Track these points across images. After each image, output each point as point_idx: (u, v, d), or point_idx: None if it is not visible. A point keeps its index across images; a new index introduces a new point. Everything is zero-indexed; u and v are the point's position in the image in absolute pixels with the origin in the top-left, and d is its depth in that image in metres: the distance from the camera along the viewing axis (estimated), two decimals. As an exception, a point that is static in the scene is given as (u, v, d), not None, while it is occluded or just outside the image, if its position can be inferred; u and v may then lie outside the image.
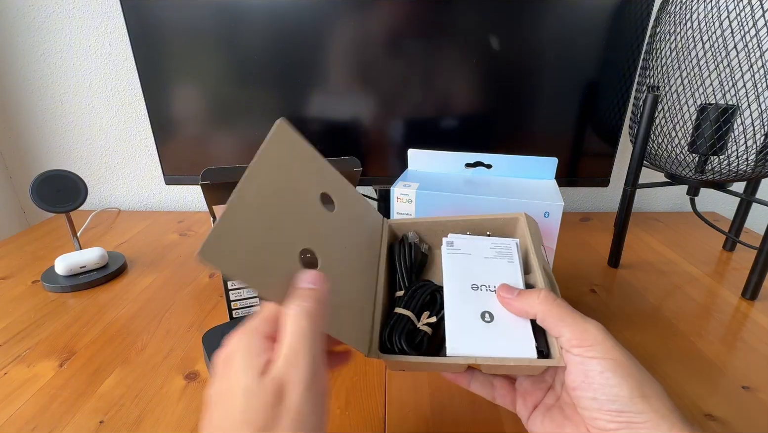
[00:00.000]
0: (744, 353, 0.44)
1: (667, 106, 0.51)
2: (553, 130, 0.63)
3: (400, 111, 0.62)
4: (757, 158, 0.48)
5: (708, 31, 0.46)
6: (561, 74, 0.59)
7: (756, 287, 0.52)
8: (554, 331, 0.26)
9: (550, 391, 0.29)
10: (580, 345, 0.24)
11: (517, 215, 0.35)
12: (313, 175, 0.29)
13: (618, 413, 0.22)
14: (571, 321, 0.25)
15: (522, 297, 0.27)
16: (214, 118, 0.64)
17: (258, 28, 0.58)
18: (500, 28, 0.57)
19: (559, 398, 0.28)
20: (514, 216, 0.35)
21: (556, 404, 0.28)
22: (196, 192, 0.89)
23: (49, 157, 0.86)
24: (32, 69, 0.79)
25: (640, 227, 0.76)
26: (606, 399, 0.23)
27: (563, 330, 0.25)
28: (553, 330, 0.26)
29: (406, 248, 0.35)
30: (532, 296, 0.27)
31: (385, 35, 0.58)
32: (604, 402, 0.23)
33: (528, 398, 0.29)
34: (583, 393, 0.24)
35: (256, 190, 0.24)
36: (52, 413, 0.37)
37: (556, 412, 0.27)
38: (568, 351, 0.25)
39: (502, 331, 0.28)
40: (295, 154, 0.27)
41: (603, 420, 0.23)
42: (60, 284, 0.55)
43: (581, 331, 0.24)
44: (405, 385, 0.39)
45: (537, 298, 0.27)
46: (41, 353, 0.44)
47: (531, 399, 0.29)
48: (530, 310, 0.27)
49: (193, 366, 0.42)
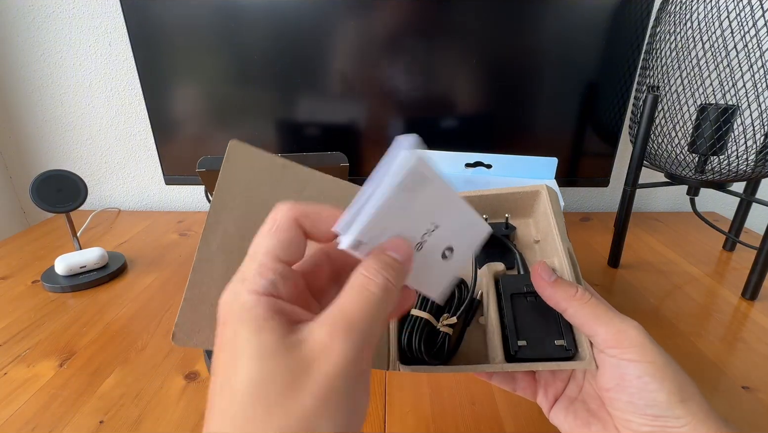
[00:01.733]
0: (744, 353, 0.44)
1: (667, 106, 0.51)
2: (553, 130, 0.63)
3: (399, 111, 0.62)
4: (757, 158, 0.48)
5: (708, 31, 0.46)
6: (561, 74, 0.59)
7: (756, 287, 0.52)
8: (586, 329, 0.24)
9: (571, 381, 0.28)
10: (617, 346, 0.23)
11: (538, 188, 0.31)
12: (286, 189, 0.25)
13: (654, 418, 0.22)
14: (607, 320, 0.23)
15: (558, 287, 0.25)
16: (213, 118, 0.64)
17: (258, 27, 0.58)
18: (500, 27, 0.57)
19: (581, 389, 0.27)
20: (534, 189, 0.31)
21: (578, 397, 0.27)
22: (196, 192, 0.89)
23: (49, 157, 0.86)
24: (32, 69, 0.79)
25: (640, 227, 0.76)
26: (643, 403, 0.22)
27: (598, 329, 0.23)
28: (586, 328, 0.24)
29: None
30: (569, 290, 0.25)
31: (385, 35, 0.58)
32: (641, 406, 0.22)
33: (548, 389, 0.28)
34: (618, 395, 0.23)
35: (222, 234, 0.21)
36: (52, 413, 0.37)
37: (579, 406, 0.26)
38: (602, 351, 0.24)
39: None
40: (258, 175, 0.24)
41: (636, 423, 0.22)
42: (60, 284, 0.55)
43: (618, 331, 0.23)
44: (405, 385, 0.39)
45: (573, 293, 0.25)
46: (41, 353, 0.44)
47: (551, 390, 0.28)
48: (562, 303, 0.25)
49: (193, 366, 0.42)
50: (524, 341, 0.26)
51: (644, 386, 0.22)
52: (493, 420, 0.36)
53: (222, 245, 0.22)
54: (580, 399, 0.27)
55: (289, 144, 0.64)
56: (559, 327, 0.26)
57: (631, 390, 0.22)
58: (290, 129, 0.63)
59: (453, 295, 0.30)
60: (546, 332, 0.26)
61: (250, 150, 0.24)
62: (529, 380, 0.29)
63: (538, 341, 0.26)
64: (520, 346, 0.26)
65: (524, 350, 0.26)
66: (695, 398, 0.22)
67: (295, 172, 0.26)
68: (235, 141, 0.24)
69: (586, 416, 0.26)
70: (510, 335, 0.27)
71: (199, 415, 0.36)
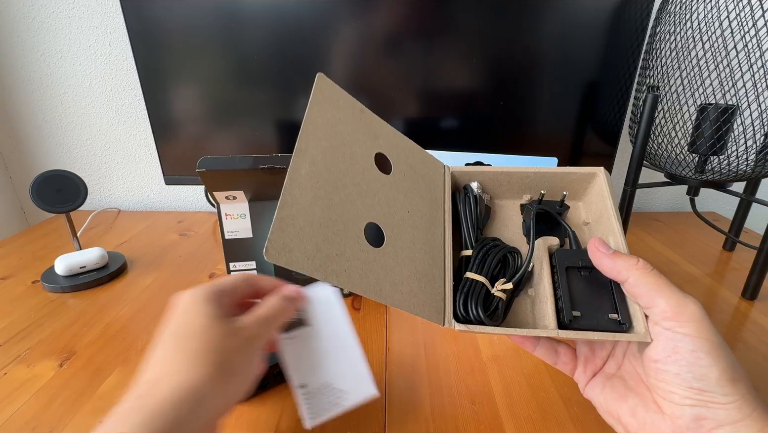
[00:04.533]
0: (744, 353, 0.44)
1: (667, 106, 0.51)
2: (553, 130, 0.63)
3: (399, 111, 0.62)
4: (757, 158, 0.48)
5: (708, 31, 0.46)
6: (561, 74, 0.59)
7: (756, 287, 0.52)
8: (646, 300, 0.24)
9: (610, 359, 0.28)
10: (675, 319, 0.23)
11: (595, 170, 0.31)
12: (364, 134, 0.26)
13: (700, 392, 0.22)
14: (668, 293, 0.24)
15: (618, 257, 0.26)
16: (213, 118, 0.64)
17: (258, 27, 0.58)
18: (500, 27, 0.57)
19: (620, 366, 0.27)
20: (592, 171, 0.31)
21: (617, 374, 0.27)
22: (196, 192, 0.89)
23: (49, 157, 0.86)
24: (32, 69, 0.79)
25: (640, 226, 0.76)
26: (692, 377, 0.22)
27: (659, 300, 0.24)
28: (646, 299, 0.24)
29: (471, 201, 0.32)
30: (630, 260, 0.25)
31: (385, 35, 0.58)
32: (690, 379, 0.22)
33: (588, 365, 0.29)
34: (667, 367, 0.23)
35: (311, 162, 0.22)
36: (52, 413, 0.37)
37: (617, 382, 0.27)
38: (657, 323, 0.24)
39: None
40: (341, 113, 0.25)
41: (680, 395, 0.22)
42: (60, 284, 0.55)
43: (678, 305, 0.23)
44: (405, 385, 0.39)
45: (635, 263, 0.25)
46: (41, 353, 0.44)
47: (590, 366, 0.29)
48: (624, 272, 0.25)
49: (193, 366, 0.42)
50: (579, 312, 0.27)
51: (697, 360, 0.22)
52: (493, 420, 0.36)
53: (310, 173, 0.22)
54: (618, 375, 0.27)
55: (289, 144, 0.64)
56: (613, 302, 0.27)
57: (682, 363, 0.22)
58: (290, 129, 0.63)
59: (507, 262, 0.30)
60: (600, 306, 0.27)
61: (335, 87, 0.26)
62: (570, 355, 0.30)
63: (593, 313, 0.27)
64: (574, 316, 0.26)
65: (579, 320, 0.26)
66: (745, 381, 0.22)
67: (371, 119, 0.28)
68: (322, 75, 0.25)
69: (623, 390, 0.26)
70: (564, 305, 0.27)
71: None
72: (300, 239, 0.21)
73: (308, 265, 0.21)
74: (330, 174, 0.23)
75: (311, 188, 0.22)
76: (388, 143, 0.28)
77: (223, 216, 0.47)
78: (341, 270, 0.22)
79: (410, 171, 0.29)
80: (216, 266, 0.61)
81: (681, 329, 0.23)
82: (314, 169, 0.22)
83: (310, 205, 0.21)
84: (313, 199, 0.22)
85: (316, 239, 0.21)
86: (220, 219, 0.47)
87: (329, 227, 0.22)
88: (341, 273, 0.22)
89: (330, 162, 0.23)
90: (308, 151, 0.22)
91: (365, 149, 0.26)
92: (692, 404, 0.22)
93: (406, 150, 0.30)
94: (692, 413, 0.22)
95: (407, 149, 0.30)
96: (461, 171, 0.34)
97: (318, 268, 0.21)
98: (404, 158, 0.29)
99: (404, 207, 0.27)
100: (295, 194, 0.21)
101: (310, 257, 0.21)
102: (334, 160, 0.23)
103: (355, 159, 0.25)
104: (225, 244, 0.48)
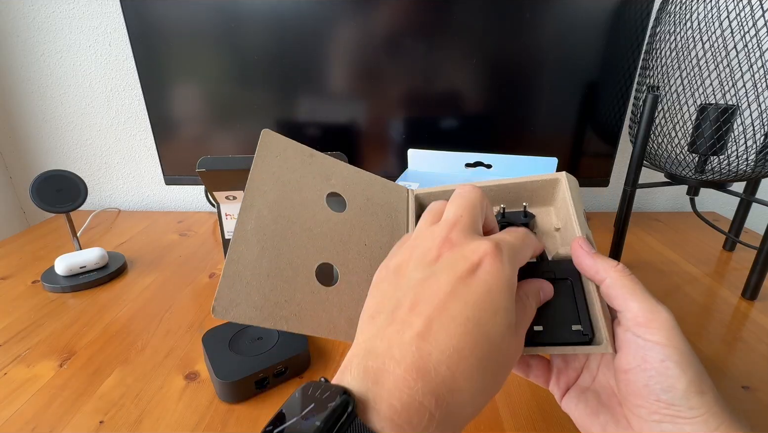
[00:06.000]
0: (744, 353, 0.44)
1: (667, 106, 0.51)
2: (553, 130, 0.63)
3: (400, 111, 0.62)
4: (757, 158, 0.48)
5: (708, 31, 0.46)
6: (561, 74, 0.59)
7: (756, 287, 0.52)
8: (620, 302, 0.24)
9: (585, 371, 0.28)
10: (646, 325, 0.22)
11: (558, 175, 0.31)
12: (315, 178, 0.27)
13: (667, 405, 0.21)
14: (642, 297, 0.23)
15: (598, 258, 0.25)
16: (213, 118, 0.64)
17: (258, 27, 0.58)
18: (500, 27, 0.57)
19: (594, 378, 0.27)
20: (554, 177, 0.31)
21: (591, 387, 0.27)
22: (196, 192, 0.89)
23: (49, 157, 0.86)
24: (32, 69, 0.79)
25: (640, 226, 0.76)
26: (659, 388, 0.21)
27: (632, 304, 0.23)
28: (620, 301, 0.24)
29: None
30: (610, 262, 0.25)
31: (385, 35, 0.58)
32: (657, 391, 0.21)
33: (561, 377, 0.28)
34: (635, 378, 0.22)
35: (256, 217, 0.23)
36: (52, 413, 0.37)
37: (591, 396, 0.26)
38: (629, 330, 0.23)
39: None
40: (288, 162, 0.26)
41: (647, 410, 0.22)
42: (60, 284, 0.55)
43: (651, 310, 0.23)
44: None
45: (614, 265, 0.25)
46: (41, 353, 0.44)
47: (564, 378, 0.28)
48: (602, 272, 0.25)
49: (193, 366, 0.42)
50: (540, 326, 0.26)
51: (665, 370, 0.21)
52: (493, 420, 0.36)
53: (256, 227, 0.23)
54: (592, 389, 0.27)
55: (289, 144, 0.64)
56: (576, 313, 0.26)
57: (651, 373, 0.22)
58: (290, 129, 0.63)
59: None
60: (563, 319, 0.26)
61: (281, 139, 0.26)
62: (543, 368, 0.29)
63: (555, 326, 0.26)
64: (536, 331, 0.26)
65: (540, 335, 0.26)
66: (712, 393, 0.21)
67: (322, 161, 0.28)
68: (267, 130, 0.25)
69: (595, 405, 0.25)
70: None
71: (199, 415, 0.36)
72: (247, 293, 0.21)
73: (257, 315, 0.21)
74: (277, 225, 0.24)
75: (257, 242, 0.23)
76: (341, 181, 0.29)
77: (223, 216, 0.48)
78: (291, 315, 0.23)
79: (367, 203, 0.30)
80: (216, 266, 0.61)
81: (651, 337, 0.22)
82: (260, 223, 0.23)
83: (257, 258, 0.22)
84: (260, 252, 0.23)
85: (263, 290, 0.22)
86: (220, 219, 0.48)
87: (277, 275, 0.23)
88: (291, 318, 0.23)
89: (277, 213, 0.24)
90: (254, 207, 0.23)
91: (316, 193, 0.27)
92: (659, 420, 0.21)
93: (363, 183, 0.30)
94: (659, 430, 0.21)
95: (364, 182, 0.31)
96: (426, 192, 0.34)
97: (267, 317, 0.22)
98: (360, 192, 0.30)
99: (361, 241, 0.28)
100: (241, 251, 0.22)
101: (258, 308, 0.22)
102: (281, 210, 0.24)
103: (304, 205, 0.26)
104: (225, 244, 0.48)
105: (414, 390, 0.17)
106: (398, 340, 0.18)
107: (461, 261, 0.21)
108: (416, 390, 0.17)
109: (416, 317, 0.19)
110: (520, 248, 0.23)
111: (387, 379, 0.17)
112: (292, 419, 0.16)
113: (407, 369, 0.17)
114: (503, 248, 0.22)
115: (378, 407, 0.17)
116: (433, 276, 0.21)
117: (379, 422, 0.16)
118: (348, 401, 0.16)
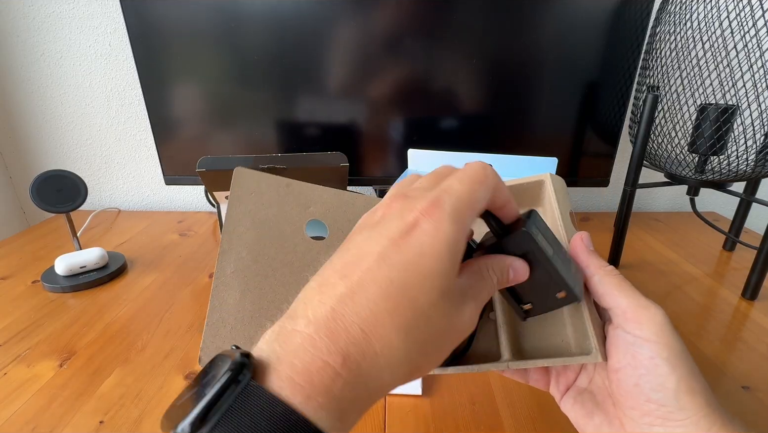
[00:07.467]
0: (744, 353, 0.44)
1: (667, 106, 0.51)
2: (553, 131, 0.63)
3: (399, 111, 0.62)
4: (757, 158, 0.48)
5: (708, 31, 0.46)
6: (561, 74, 0.59)
7: (756, 287, 0.52)
8: (609, 299, 0.24)
9: (582, 372, 0.28)
10: (635, 321, 0.22)
11: (542, 177, 0.30)
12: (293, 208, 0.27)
13: (658, 406, 0.21)
14: (632, 294, 0.23)
15: (593, 255, 0.25)
16: (214, 118, 0.64)
17: (258, 27, 0.58)
18: (500, 27, 0.57)
19: (591, 379, 0.27)
20: (537, 179, 0.30)
21: (588, 388, 0.27)
22: (196, 192, 0.89)
23: (49, 157, 0.86)
24: (32, 69, 0.79)
25: (640, 226, 0.76)
26: (649, 388, 0.21)
27: (621, 300, 0.23)
28: (609, 298, 0.24)
29: None
30: (603, 261, 0.25)
31: (385, 35, 0.58)
32: (648, 391, 0.21)
33: (560, 379, 0.28)
34: (626, 376, 0.22)
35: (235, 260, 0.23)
36: (52, 413, 0.37)
37: (587, 397, 0.26)
38: (618, 326, 0.23)
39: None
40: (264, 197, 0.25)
41: (639, 412, 0.22)
42: (60, 284, 0.55)
43: (639, 306, 0.22)
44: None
45: (605, 264, 0.25)
46: (41, 353, 0.44)
47: (563, 380, 0.28)
48: (592, 268, 0.25)
49: (193, 366, 0.42)
50: (529, 304, 0.26)
51: (655, 368, 0.21)
52: (493, 420, 0.36)
53: (236, 270, 0.23)
54: (588, 390, 0.27)
55: (289, 144, 0.64)
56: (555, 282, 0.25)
57: (641, 371, 0.21)
58: (290, 129, 0.63)
59: None
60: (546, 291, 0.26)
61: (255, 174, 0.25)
62: (541, 371, 0.29)
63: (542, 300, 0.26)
64: (526, 310, 0.26)
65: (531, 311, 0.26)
66: (704, 393, 0.21)
67: (299, 189, 0.27)
68: (240, 168, 0.25)
69: (591, 406, 0.25)
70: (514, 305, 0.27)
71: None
72: (232, 338, 0.22)
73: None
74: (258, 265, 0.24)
75: (238, 285, 0.23)
76: (321, 208, 0.28)
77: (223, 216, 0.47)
78: None
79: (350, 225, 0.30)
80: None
81: (641, 332, 0.22)
82: (240, 265, 0.23)
83: (239, 302, 0.22)
84: (241, 295, 0.23)
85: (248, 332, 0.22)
86: (220, 219, 0.48)
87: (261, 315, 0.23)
88: None
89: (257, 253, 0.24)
90: (232, 250, 0.23)
91: (295, 224, 0.26)
92: (650, 423, 0.21)
93: (343, 205, 0.30)
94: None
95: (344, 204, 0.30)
96: None
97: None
98: (342, 214, 0.29)
99: None
100: (223, 297, 0.22)
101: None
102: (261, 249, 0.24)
103: (284, 238, 0.25)
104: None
105: (318, 348, 0.16)
106: (318, 301, 0.18)
107: (396, 221, 0.19)
108: (320, 349, 0.16)
109: (341, 280, 0.18)
110: (469, 197, 0.20)
111: (294, 339, 0.17)
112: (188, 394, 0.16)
113: (317, 329, 0.17)
114: (444, 204, 0.19)
115: (279, 368, 0.16)
116: (370, 239, 0.19)
117: (278, 382, 0.16)
118: (244, 363, 0.16)
